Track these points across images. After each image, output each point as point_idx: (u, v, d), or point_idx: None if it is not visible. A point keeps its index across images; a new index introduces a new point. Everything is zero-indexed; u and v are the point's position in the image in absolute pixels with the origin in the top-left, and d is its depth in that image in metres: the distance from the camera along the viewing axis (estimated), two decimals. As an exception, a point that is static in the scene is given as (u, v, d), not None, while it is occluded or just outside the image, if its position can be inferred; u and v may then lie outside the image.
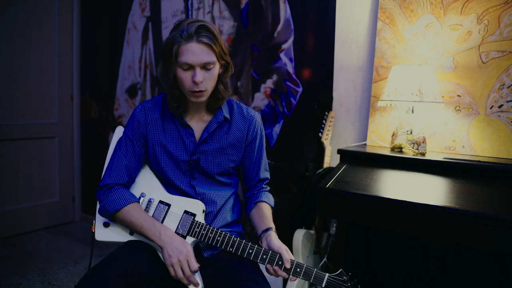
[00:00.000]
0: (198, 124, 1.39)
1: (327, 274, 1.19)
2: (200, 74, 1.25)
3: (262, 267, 1.35)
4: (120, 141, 1.41)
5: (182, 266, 1.20)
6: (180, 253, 1.21)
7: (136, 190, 1.39)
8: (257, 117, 1.46)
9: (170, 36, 1.27)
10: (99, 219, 1.37)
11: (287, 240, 1.91)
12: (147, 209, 1.35)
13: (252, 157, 1.45)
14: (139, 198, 1.36)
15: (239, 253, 1.25)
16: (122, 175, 1.34)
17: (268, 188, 1.54)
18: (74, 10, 3.41)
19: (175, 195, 1.37)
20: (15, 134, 3.09)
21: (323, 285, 1.18)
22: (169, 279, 1.30)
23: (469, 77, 1.68)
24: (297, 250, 1.84)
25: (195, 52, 1.24)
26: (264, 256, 1.22)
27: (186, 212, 1.32)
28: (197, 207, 1.33)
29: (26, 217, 3.18)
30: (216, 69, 1.30)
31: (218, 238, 1.26)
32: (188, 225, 1.30)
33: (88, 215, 3.51)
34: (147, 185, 1.39)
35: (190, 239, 1.29)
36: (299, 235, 1.85)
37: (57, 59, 3.32)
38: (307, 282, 1.86)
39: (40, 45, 3.19)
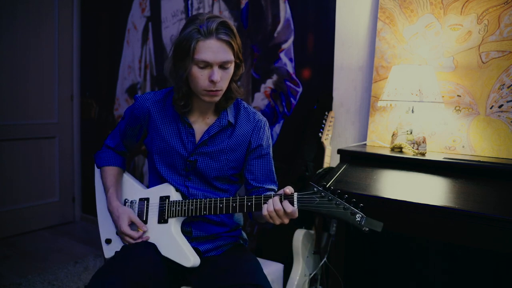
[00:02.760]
0: (200, 125, 1.35)
1: (296, 193, 1.15)
2: (218, 73, 1.20)
3: (263, 267, 1.35)
4: (125, 115, 1.45)
5: (124, 240, 1.33)
6: (118, 230, 1.34)
7: (120, 197, 1.43)
8: (264, 123, 1.39)
9: (187, 32, 1.19)
10: (102, 238, 1.42)
11: (287, 240, 1.92)
12: (133, 210, 1.38)
13: (255, 165, 1.38)
14: (124, 204, 1.40)
15: (218, 212, 1.23)
16: (119, 144, 1.49)
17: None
18: (74, 10, 3.41)
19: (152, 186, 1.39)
20: (15, 134, 3.09)
21: (295, 206, 1.14)
22: (172, 277, 1.30)
23: (469, 77, 1.68)
24: (297, 250, 1.84)
25: (214, 50, 1.18)
26: (249, 203, 1.19)
27: (160, 198, 1.33)
28: (169, 188, 1.33)
29: (26, 217, 3.18)
30: (232, 68, 1.25)
31: (192, 207, 1.27)
32: (165, 209, 1.31)
33: (88, 215, 3.51)
34: (127, 190, 1.44)
35: (172, 221, 1.30)
36: (299, 235, 1.86)
37: (57, 59, 3.32)
38: (307, 280, 1.86)
39: (40, 45, 3.19)
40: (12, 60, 3.03)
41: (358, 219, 1.09)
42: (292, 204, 1.14)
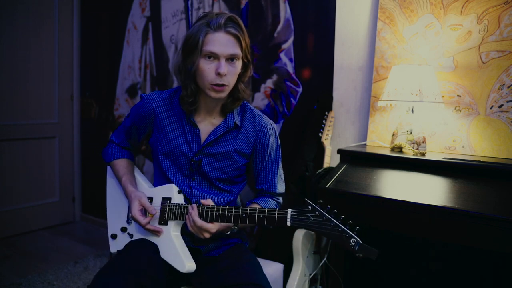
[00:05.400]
0: (206, 126, 1.35)
1: (290, 210, 1.13)
2: (225, 66, 1.20)
3: (263, 267, 1.35)
4: (130, 113, 1.45)
5: (135, 221, 1.31)
6: (131, 212, 1.32)
7: (126, 195, 1.43)
8: (269, 127, 1.40)
9: (196, 26, 1.22)
10: (109, 233, 1.44)
11: (287, 240, 1.92)
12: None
13: (262, 167, 1.41)
14: None
15: (214, 220, 1.22)
16: (123, 141, 1.50)
17: (280, 200, 1.47)
18: (74, 10, 3.41)
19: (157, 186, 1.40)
20: (15, 134, 3.09)
21: (288, 223, 1.12)
22: (173, 277, 1.30)
23: (469, 77, 1.68)
24: (297, 250, 1.84)
25: (222, 42, 1.20)
26: (244, 215, 1.18)
27: (162, 199, 1.33)
28: (172, 190, 1.33)
29: (26, 217, 3.18)
30: (240, 65, 1.26)
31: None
32: (166, 211, 1.31)
33: (88, 215, 3.51)
34: None
35: (172, 223, 1.30)
36: (299, 235, 1.85)
37: (57, 59, 3.32)
38: (307, 280, 1.86)
39: (40, 45, 3.19)
40: (12, 60, 3.03)
41: (352, 243, 1.04)
42: (285, 222, 1.13)
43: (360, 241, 1.05)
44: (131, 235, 1.37)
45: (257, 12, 2.37)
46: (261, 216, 1.16)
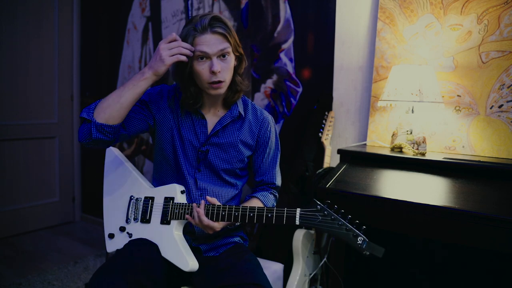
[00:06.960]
0: (212, 117, 1.40)
1: (299, 209, 1.16)
2: (217, 64, 1.26)
3: (263, 267, 1.35)
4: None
5: (170, 47, 1.22)
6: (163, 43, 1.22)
7: (125, 195, 1.42)
8: (270, 121, 1.47)
9: (184, 31, 1.27)
10: (106, 233, 1.42)
11: (287, 240, 1.92)
12: (137, 208, 1.37)
13: (261, 159, 1.46)
14: (129, 201, 1.39)
15: (220, 219, 1.24)
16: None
17: (277, 194, 1.52)
18: (74, 10, 3.41)
19: (160, 186, 1.39)
20: (15, 134, 3.09)
21: (297, 222, 1.15)
22: (173, 276, 1.30)
23: (469, 77, 1.68)
24: (297, 250, 1.84)
25: (210, 42, 1.25)
26: (251, 214, 1.21)
27: (165, 198, 1.34)
28: (175, 190, 1.34)
29: (26, 217, 3.18)
30: (232, 60, 1.31)
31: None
32: (169, 210, 1.31)
33: (88, 215, 3.51)
34: (133, 188, 1.43)
35: (174, 223, 1.30)
36: (299, 235, 1.85)
37: (57, 59, 3.32)
38: (307, 280, 1.86)
39: (40, 45, 3.19)
40: (12, 60, 3.02)
41: (360, 242, 1.09)
42: (294, 221, 1.16)
43: (367, 240, 1.09)
44: (130, 235, 1.37)
45: (257, 12, 2.37)
46: (269, 215, 1.19)
